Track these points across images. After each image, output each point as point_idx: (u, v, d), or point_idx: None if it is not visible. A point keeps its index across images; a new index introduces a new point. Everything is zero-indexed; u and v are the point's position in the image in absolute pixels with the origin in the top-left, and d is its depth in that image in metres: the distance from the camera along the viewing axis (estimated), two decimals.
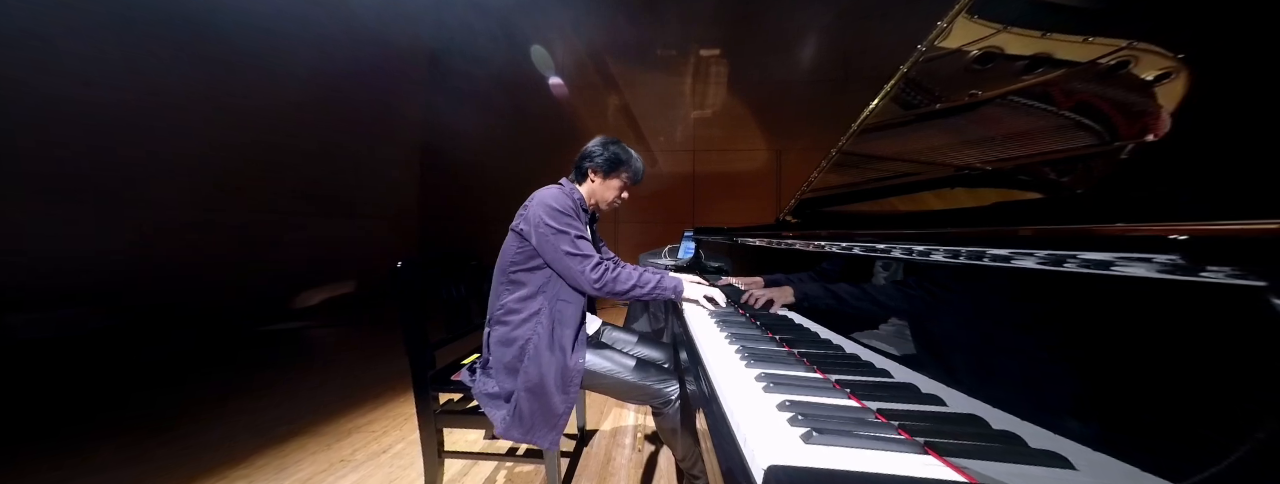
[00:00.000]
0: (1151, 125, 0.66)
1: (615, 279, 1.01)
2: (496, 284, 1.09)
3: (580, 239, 1.02)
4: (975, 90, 0.70)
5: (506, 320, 1.04)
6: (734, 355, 0.67)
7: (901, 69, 0.73)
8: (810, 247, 0.78)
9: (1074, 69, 0.66)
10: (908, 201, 0.96)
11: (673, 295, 1.06)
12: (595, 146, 1.15)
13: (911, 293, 0.54)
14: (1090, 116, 0.68)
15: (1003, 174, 0.81)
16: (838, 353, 0.67)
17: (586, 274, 0.99)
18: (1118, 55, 0.63)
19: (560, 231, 1.01)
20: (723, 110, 3.09)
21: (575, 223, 1.03)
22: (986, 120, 0.76)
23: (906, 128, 0.80)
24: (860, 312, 0.63)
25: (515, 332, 1.02)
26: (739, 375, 0.59)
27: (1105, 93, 0.66)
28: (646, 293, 1.02)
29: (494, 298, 1.09)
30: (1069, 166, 0.77)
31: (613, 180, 1.16)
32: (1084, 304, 0.35)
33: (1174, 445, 0.28)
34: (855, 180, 0.97)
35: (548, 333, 1.01)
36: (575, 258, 1.00)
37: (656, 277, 1.04)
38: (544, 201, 1.04)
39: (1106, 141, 0.70)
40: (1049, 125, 0.72)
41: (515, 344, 1.01)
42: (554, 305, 1.03)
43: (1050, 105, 0.71)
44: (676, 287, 1.05)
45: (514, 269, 1.06)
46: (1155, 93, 0.63)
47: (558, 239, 1.00)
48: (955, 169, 0.85)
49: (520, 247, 1.05)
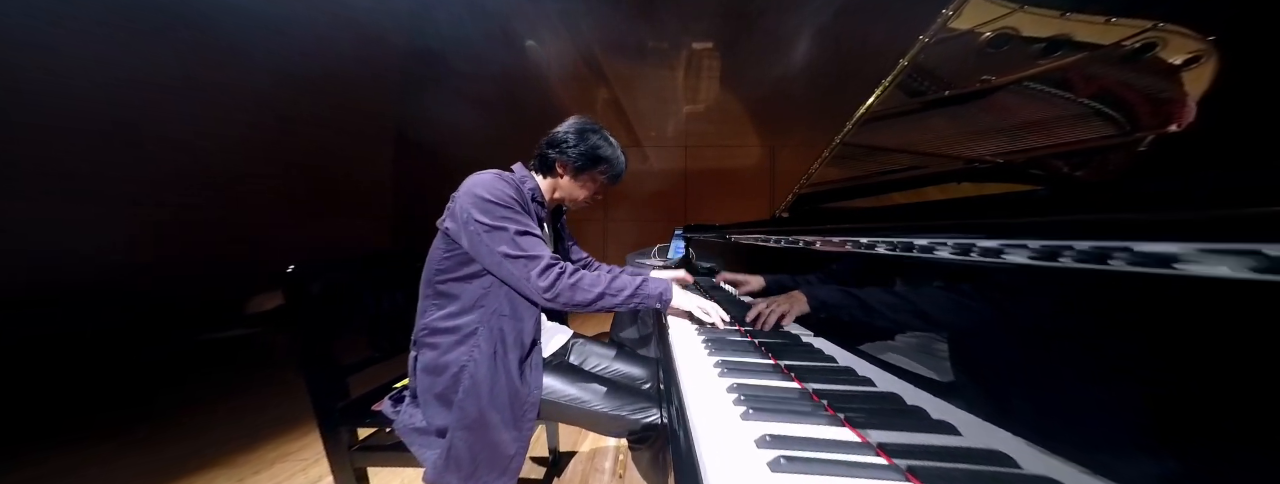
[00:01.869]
0: (1176, 114, 0.63)
1: (574, 286, 0.80)
2: (422, 298, 0.89)
3: (525, 236, 0.82)
4: (987, 76, 0.66)
5: (433, 343, 0.85)
6: (727, 397, 0.52)
7: (911, 51, 0.68)
8: (820, 244, 0.69)
9: (1095, 52, 0.62)
10: (911, 196, 0.92)
11: (658, 304, 0.86)
12: (569, 133, 0.93)
13: (973, 305, 0.42)
14: (1111, 105, 0.65)
15: (1013, 167, 0.78)
16: (866, 390, 0.53)
17: (532, 280, 0.79)
18: (1143, 37, 0.58)
19: (494, 227, 0.81)
20: (716, 105, 3.05)
21: (516, 215, 0.83)
22: (998, 108, 0.73)
23: (912, 117, 0.76)
24: (897, 326, 0.53)
25: (445, 357, 0.84)
26: (734, 438, 0.44)
27: (1128, 78, 0.62)
28: (621, 302, 0.82)
29: (419, 315, 0.89)
30: (1084, 159, 0.74)
31: (585, 179, 0.96)
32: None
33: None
34: (856, 174, 0.93)
35: (489, 358, 0.82)
36: (518, 260, 0.80)
37: (634, 281, 0.84)
38: (472, 191, 0.83)
39: (1127, 132, 0.66)
40: (1066, 114, 0.68)
41: (446, 372, 0.83)
42: (493, 323, 0.84)
43: (1068, 92, 0.67)
44: (663, 293, 0.86)
45: (441, 279, 0.86)
46: (1182, 79, 0.60)
47: (492, 238, 0.80)
48: (963, 162, 0.81)
49: (448, 250, 0.85)
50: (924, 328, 0.50)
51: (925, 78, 0.70)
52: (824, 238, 0.65)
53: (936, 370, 0.47)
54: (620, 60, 3.05)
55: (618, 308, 0.84)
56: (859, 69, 2.78)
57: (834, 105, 2.90)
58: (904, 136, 0.81)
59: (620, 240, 3.18)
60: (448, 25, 2.87)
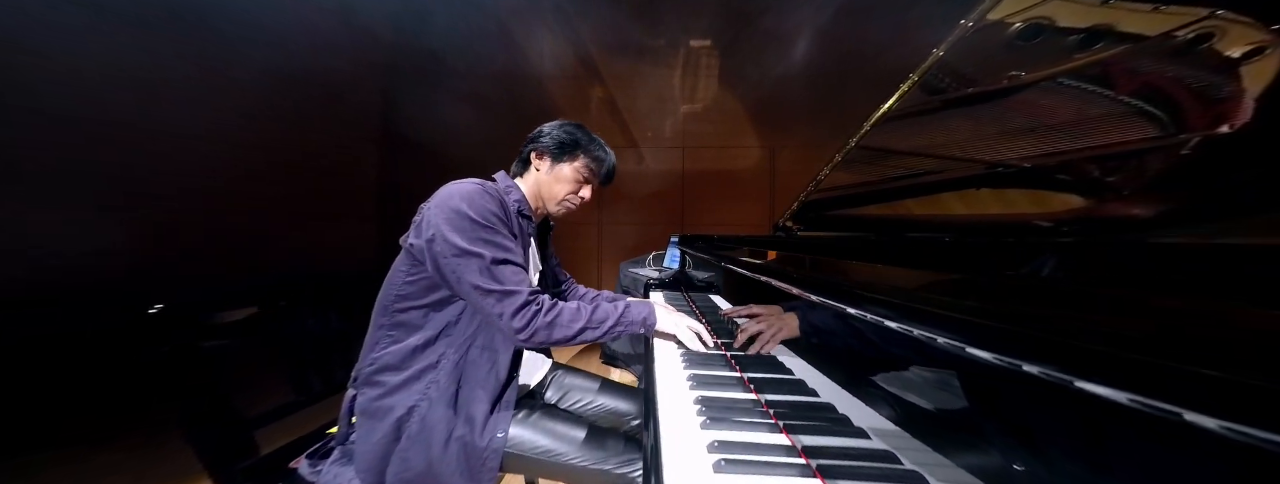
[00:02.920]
0: (1231, 113, 0.56)
1: (552, 324, 0.70)
2: (374, 328, 0.76)
3: (502, 265, 0.70)
4: (1017, 71, 0.60)
5: (379, 381, 0.72)
6: (702, 450, 0.45)
7: (948, 39, 0.62)
8: (801, 294, 0.61)
9: (1140, 45, 0.55)
10: (926, 204, 0.86)
11: (642, 329, 0.78)
12: (549, 126, 0.87)
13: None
14: (1155, 103, 0.59)
15: (1039, 172, 0.72)
16: (867, 448, 0.46)
17: (505, 320, 0.68)
18: (1197, 27, 0.52)
19: (467, 252, 0.68)
20: (714, 105, 2.99)
21: (497, 238, 0.72)
22: (1026, 107, 0.66)
23: (930, 117, 0.71)
24: (895, 367, 0.49)
25: (390, 399, 0.71)
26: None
27: (1177, 73, 0.56)
28: (604, 332, 0.74)
29: (367, 347, 0.76)
30: (1119, 164, 0.68)
31: (563, 168, 0.85)
32: None
33: None
34: (867, 179, 0.87)
35: (447, 399, 0.71)
36: (490, 296, 0.68)
37: (616, 309, 0.76)
38: (447, 204, 0.71)
39: (1172, 133, 0.60)
40: (1103, 113, 0.62)
41: (389, 416, 0.69)
42: (461, 357, 0.73)
43: (1107, 89, 0.61)
44: (647, 318, 0.78)
45: (402, 306, 0.74)
46: (1240, 74, 0.53)
47: (463, 265, 0.68)
48: (985, 166, 0.74)
49: (412, 272, 0.73)
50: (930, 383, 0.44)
51: (947, 74, 0.64)
52: (817, 294, 0.58)
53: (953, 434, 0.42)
54: (616, 58, 2.99)
55: (601, 339, 0.75)
56: (860, 69, 2.73)
57: (835, 106, 2.86)
58: (921, 138, 0.75)
59: (615, 245, 3.11)
60: (441, 21, 2.80)
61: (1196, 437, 0.20)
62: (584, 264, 3.07)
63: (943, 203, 0.84)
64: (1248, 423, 0.18)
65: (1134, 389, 0.22)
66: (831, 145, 0.95)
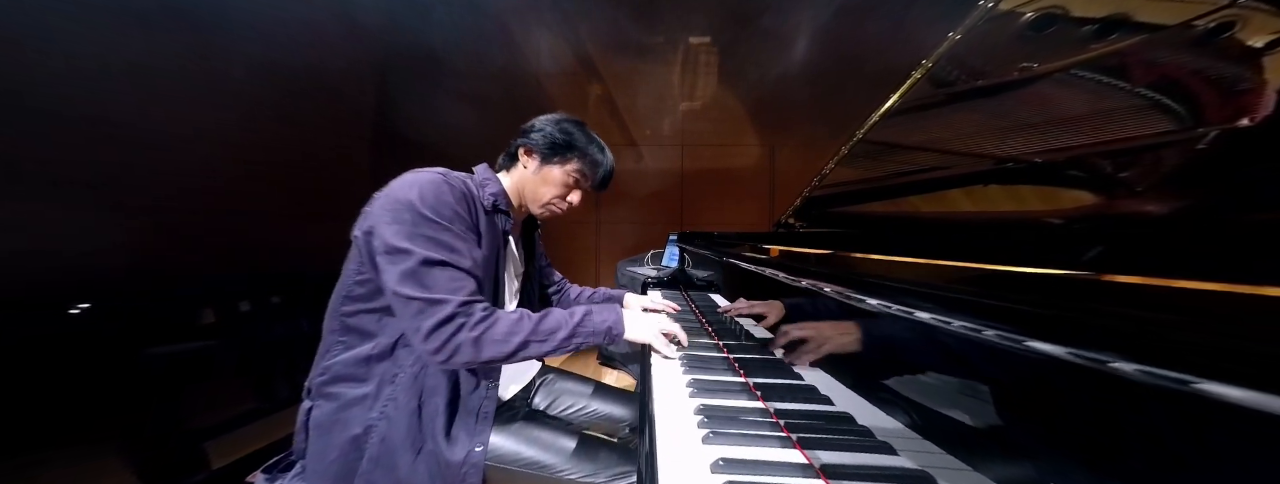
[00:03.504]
0: (1251, 106, 0.55)
1: (480, 340, 0.59)
2: (326, 333, 0.68)
3: (435, 267, 0.60)
4: (1028, 63, 0.58)
5: (332, 393, 0.65)
6: (705, 469, 0.41)
7: (966, 20, 0.59)
8: (830, 290, 0.53)
9: (1157, 34, 0.53)
10: (932, 201, 0.84)
11: (608, 339, 0.68)
12: (543, 120, 0.79)
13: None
14: (1171, 95, 0.57)
15: (1049, 168, 0.70)
16: (899, 468, 0.40)
17: (419, 337, 0.58)
18: (1218, 16, 0.50)
19: (398, 251, 0.59)
20: (714, 103, 2.97)
21: (442, 235, 0.62)
22: (1037, 101, 0.65)
23: (938, 110, 0.69)
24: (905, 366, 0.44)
25: (345, 414, 0.63)
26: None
27: (1196, 64, 0.54)
28: (555, 346, 0.64)
29: (319, 354, 0.69)
30: (1132, 159, 0.66)
31: (552, 170, 0.77)
32: None
33: None
34: (872, 175, 0.85)
35: (408, 415, 0.63)
36: (409, 305, 0.58)
37: (572, 317, 0.66)
38: (396, 193, 0.63)
39: (1188, 127, 0.58)
40: (1117, 106, 0.61)
41: (344, 434, 0.63)
42: (426, 369, 0.66)
43: (1122, 81, 0.59)
44: (613, 326, 0.68)
45: (351, 309, 0.66)
46: (1263, 65, 0.52)
47: (390, 264, 0.59)
48: (994, 161, 0.73)
49: (361, 271, 0.65)
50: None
51: (955, 65, 0.62)
52: (834, 287, 0.52)
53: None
54: (615, 56, 2.97)
55: (552, 353, 0.65)
56: (860, 68, 2.71)
57: (835, 105, 2.84)
58: (928, 133, 0.74)
59: (614, 244, 3.09)
60: (440, 20, 2.77)
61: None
62: (582, 264, 3.05)
63: (950, 200, 0.82)
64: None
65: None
66: (831, 144, 0.93)
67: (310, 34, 2.40)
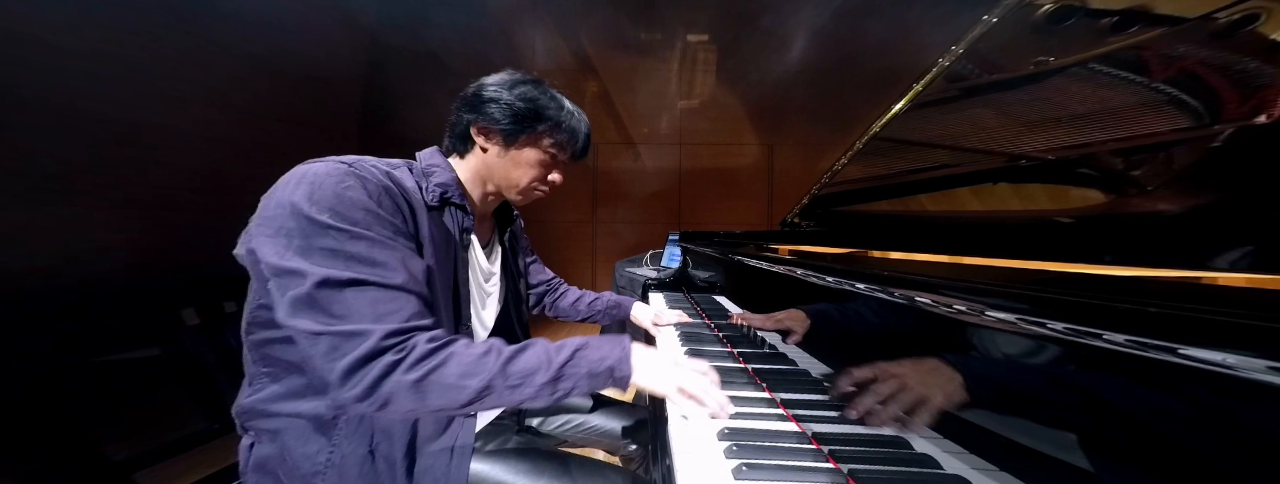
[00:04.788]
0: (1272, 102, 0.54)
1: (423, 385, 0.44)
2: (247, 362, 0.56)
3: (344, 289, 0.44)
4: (1044, 57, 0.56)
5: (263, 428, 0.54)
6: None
7: (986, 18, 0.57)
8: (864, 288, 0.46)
9: (1178, 27, 0.52)
10: (940, 200, 0.83)
11: (607, 385, 0.51)
12: (493, 86, 0.62)
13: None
14: (1189, 91, 0.56)
15: (1061, 166, 0.69)
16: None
17: (335, 376, 0.43)
18: (1241, 9, 0.49)
19: (288, 272, 0.44)
20: (712, 101, 2.96)
21: (348, 245, 0.46)
22: (1050, 96, 0.63)
23: (948, 107, 0.67)
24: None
25: (290, 455, 0.52)
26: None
27: (1217, 58, 0.53)
28: (529, 394, 0.47)
29: (244, 385, 0.57)
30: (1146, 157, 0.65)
31: (526, 149, 0.63)
32: None
33: None
34: (880, 172, 0.83)
35: (360, 463, 0.52)
36: (321, 340, 0.43)
37: (560, 354, 0.50)
38: (274, 197, 0.48)
39: (1205, 124, 0.58)
40: (1132, 102, 0.60)
41: (293, 476, 0.53)
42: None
43: (1140, 75, 0.58)
44: (615, 368, 0.51)
45: (261, 337, 0.53)
46: None
47: (280, 291, 0.45)
48: (1004, 159, 0.72)
49: (263, 298, 0.51)
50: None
51: (970, 59, 0.60)
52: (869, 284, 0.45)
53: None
54: (614, 55, 2.95)
55: (529, 402, 0.48)
56: (859, 68, 2.72)
57: (834, 104, 2.84)
58: (939, 129, 0.72)
59: (611, 245, 3.06)
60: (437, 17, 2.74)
61: None
62: (578, 265, 3.03)
63: (958, 198, 0.81)
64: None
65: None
66: (829, 143, 0.91)
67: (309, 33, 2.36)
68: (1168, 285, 0.25)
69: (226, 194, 1.92)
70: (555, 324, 2.76)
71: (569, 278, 1.08)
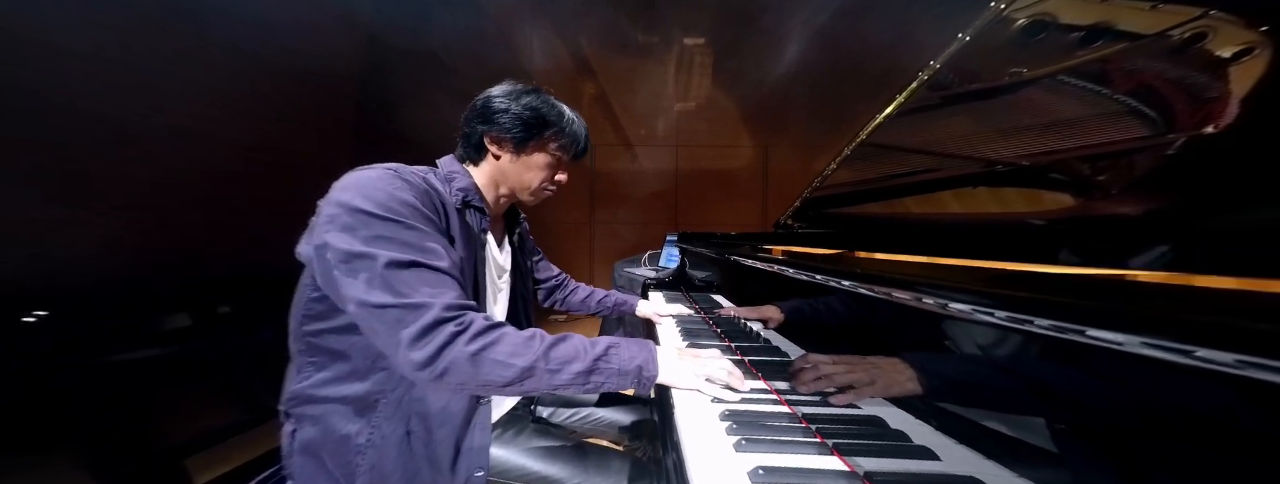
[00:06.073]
0: (1216, 114, 0.59)
1: (479, 356, 0.49)
2: (294, 353, 0.62)
3: (405, 269, 0.51)
4: (1018, 68, 0.61)
5: (312, 415, 0.60)
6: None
7: (990, 16, 0.60)
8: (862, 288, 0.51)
9: (1137, 43, 0.57)
10: (924, 203, 0.88)
11: (635, 383, 0.56)
12: (500, 97, 0.68)
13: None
14: (1147, 102, 0.61)
15: (1035, 171, 0.73)
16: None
17: (403, 349, 0.48)
18: (1192, 27, 0.54)
19: (357, 255, 0.50)
20: (708, 103, 3.01)
21: (403, 234, 0.53)
22: (1025, 105, 0.68)
23: (931, 114, 0.72)
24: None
25: (331, 438, 0.59)
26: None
27: (1170, 73, 0.58)
28: (567, 380, 0.52)
29: (289, 376, 0.63)
30: (1109, 163, 0.70)
31: (535, 154, 0.70)
32: None
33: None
34: (868, 176, 0.88)
35: (398, 441, 0.59)
36: (383, 313, 0.49)
37: (593, 348, 0.55)
38: (337, 198, 0.54)
39: (1160, 133, 0.62)
40: (1097, 112, 0.64)
41: (332, 459, 0.59)
42: (404, 394, 0.60)
43: (1103, 87, 0.62)
44: (645, 366, 0.56)
45: (313, 329, 0.59)
46: (1229, 74, 0.55)
47: (350, 273, 0.50)
48: (982, 164, 0.76)
49: (315, 293, 0.58)
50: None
51: (950, 69, 0.65)
52: (868, 285, 0.50)
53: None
54: (612, 56, 2.99)
55: (562, 388, 0.53)
56: (854, 69, 2.77)
57: (829, 105, 2.90)
58: (921, 135, 0.77)
59: (608, 245, 3.10)
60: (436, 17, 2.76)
61: None
62: (576, 264, 3.06)
63: (940, 201, 0.85)
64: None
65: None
66: (824, 144, 0.95)
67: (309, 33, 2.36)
68: (1095, 281, 0.30)
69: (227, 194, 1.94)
70: (551, 321, 2.79)
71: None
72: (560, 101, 0.73)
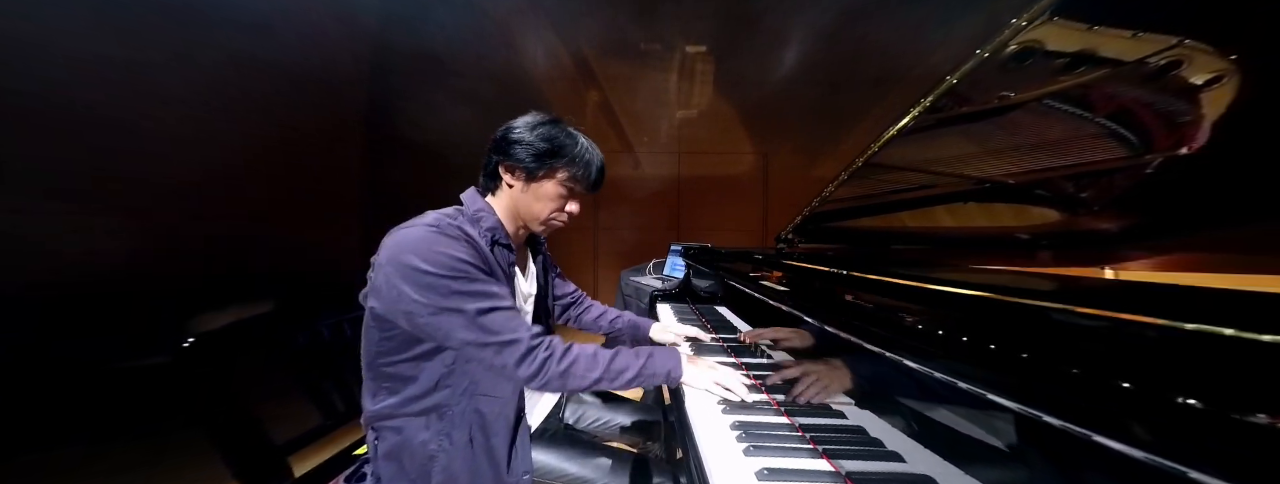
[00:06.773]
0: (1189, 136, 0.62)
1: (567, 373, 0.66)
2: (366, 380, 0.74)
3: (490, 314, 0.64)
4: (1007, 92, 0.64)
5: (392, 427, 0.72)
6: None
7: (949, 78, 0.64)
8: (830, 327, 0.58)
9: (1118, 69, 0.60)
10: (919, 218, 0.91)
11: (666, 382, 0.74)
12: (519, 128, 0.73)
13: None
14: (1126, 125, 0.64)
15: (1021, 188, 0.76)
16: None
17: (512, 370, 0.65)
18: (1168, 55, 0.57)
19: (446, 311, 0.63)
20: (710, 110, 3.04)
21: (472, 287, 0.65)
22: (1014, 127, 0.71)
23: (926, 134, 0.75)
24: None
25: (410, 445, 0.71)
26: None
27: (1148, 97, 0.61)
28: (622, 384, 0.71)
29: (365, 396, 0.74)
30: (1090, 181, 0.73)
31: (544, 185, 0.73)
32: None
33: None
34: (866, 192, 0.91)
35: (463, 447, 0.70)
36: (486, 349, 0.64)
37: (638, 360, 0.71)
38: (400, 261, 0.63)
39: (1138, 154, 0.65)
40: (1080, 134, 0.67)
41: (414, 460, 0.71)
42: (465, 405, 0.71)
43: (1086, 110, 0.66)
44: (672, 371, 0.72)
45: (387, 361, 0.71)
46: (1201, 100, 0.59)
47: (445, 323, 0.63)
48: (974, 182, 0.79)
49: (387, 332, 0.69)
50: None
51: (945, 93, 0.68)
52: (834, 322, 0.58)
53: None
54: (613, 61, 3.02)
55: (616, 389, 0.72)
56: (853, 76, 2.80)
57: (828, 112, 2.93)
58: (916, 154, 0.80)
59: (612, 251, 3.12)
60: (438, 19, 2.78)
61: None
62: (580, 270, 3.08)
63: (934, 216, 0.88)
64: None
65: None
66: (823, 151, 0.97)
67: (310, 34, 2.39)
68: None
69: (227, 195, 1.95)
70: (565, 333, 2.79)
71: (572, 281, 1.16)
72: (579, 132, 0.76)
